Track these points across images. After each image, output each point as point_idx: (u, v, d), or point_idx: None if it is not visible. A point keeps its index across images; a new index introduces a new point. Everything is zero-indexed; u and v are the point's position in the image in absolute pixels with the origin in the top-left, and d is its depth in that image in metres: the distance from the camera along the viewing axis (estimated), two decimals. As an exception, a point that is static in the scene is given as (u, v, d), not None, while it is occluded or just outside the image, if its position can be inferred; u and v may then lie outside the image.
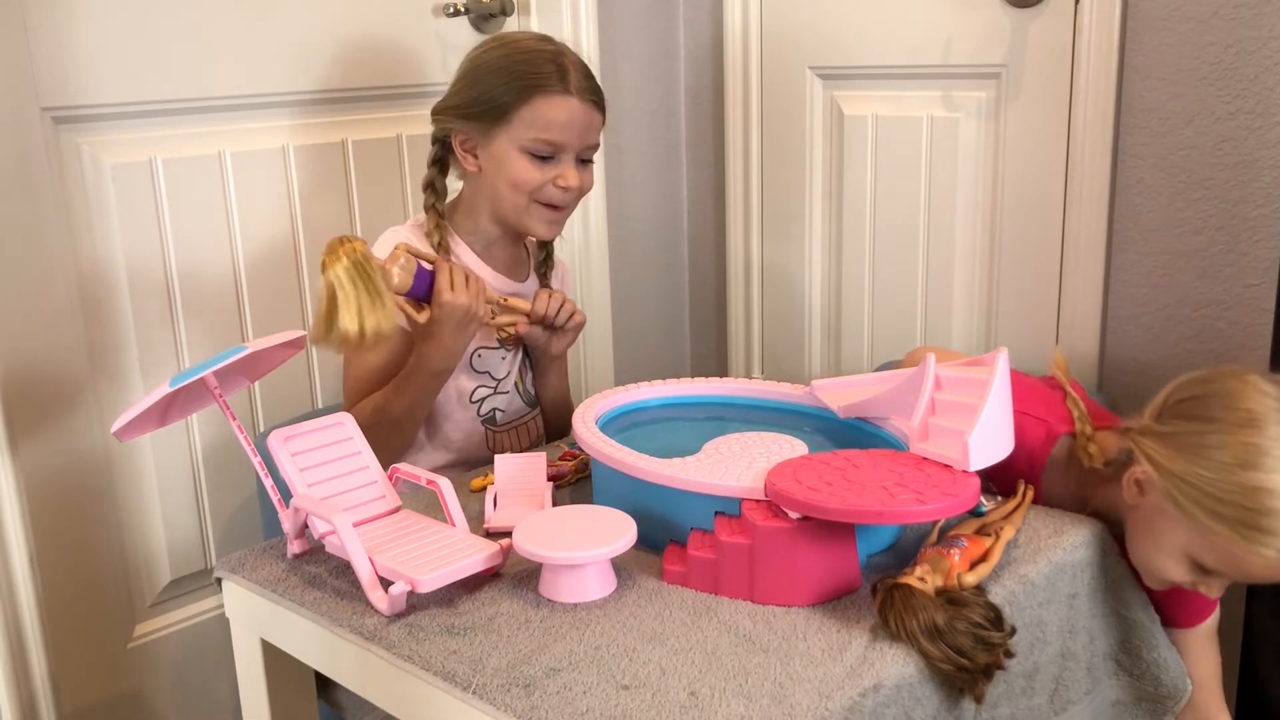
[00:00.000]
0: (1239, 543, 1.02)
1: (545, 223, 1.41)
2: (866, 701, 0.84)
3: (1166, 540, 1.09)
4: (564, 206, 1.41)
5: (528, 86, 1.35)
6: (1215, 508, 1.03)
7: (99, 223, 1.48)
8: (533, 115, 1.35)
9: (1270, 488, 1.01)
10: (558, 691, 0.85)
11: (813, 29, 1.90)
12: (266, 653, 1.11)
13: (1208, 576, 1.09)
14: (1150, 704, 1.15)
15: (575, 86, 1.37)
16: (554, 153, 1.37)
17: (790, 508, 0.95)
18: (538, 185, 1.37)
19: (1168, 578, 1.10)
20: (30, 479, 1.42)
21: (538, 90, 1.35)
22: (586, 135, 1.39)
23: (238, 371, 1.12)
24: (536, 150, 1.36)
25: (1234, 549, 1.03)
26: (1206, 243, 1.54)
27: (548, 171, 1.37)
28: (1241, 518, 1.02)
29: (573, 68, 1.38)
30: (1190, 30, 1.50)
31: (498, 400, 1.47)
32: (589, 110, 1.38)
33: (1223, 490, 1.03)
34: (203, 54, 1.54)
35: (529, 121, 1.35)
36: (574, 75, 1.37)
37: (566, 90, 1.36)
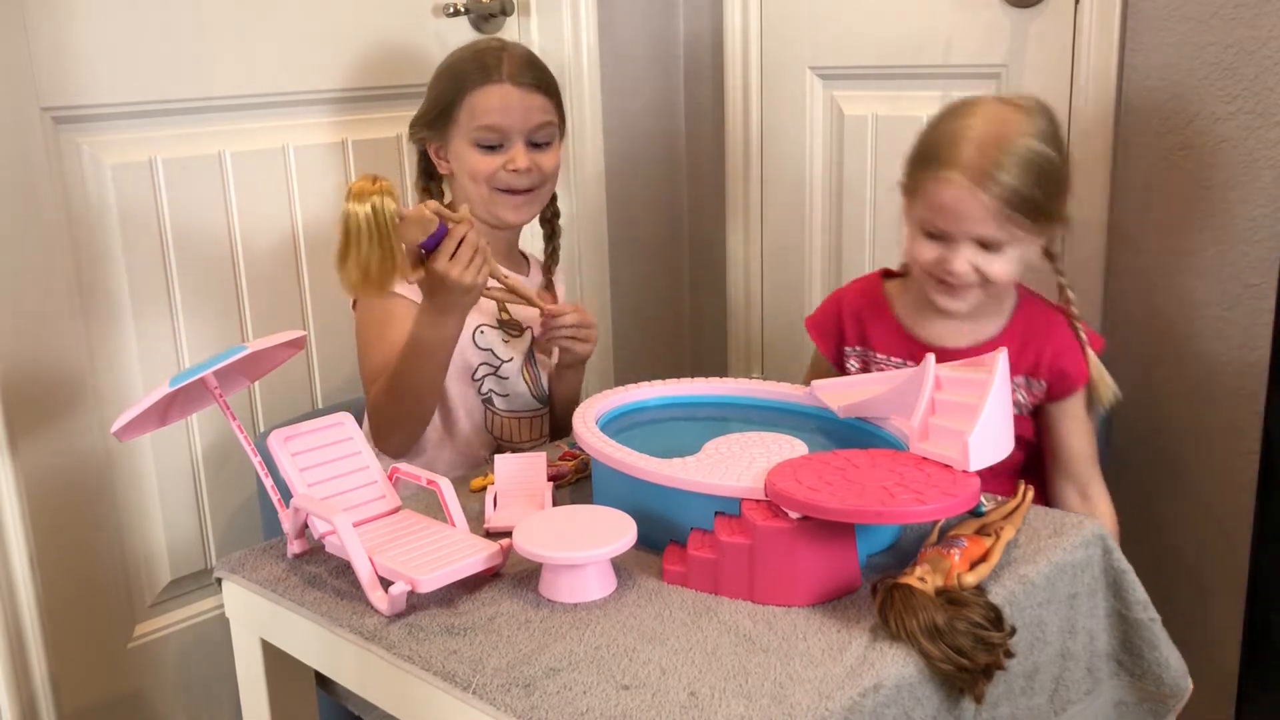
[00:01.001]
0: (929, 180, 1.27)
1: (511, 208, 1.46)
2: (866, 701, 0.84)
3: (911, 227, 1.33)
4: (526, 189, 1.46)
5: (464, 84, 1.44)
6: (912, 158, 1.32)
7: (99, 223, 1.48)
8: (471, 108, 1.43)
9: (944, 125, 1.30)
10: (558, 691, 0.85)
11: (813, 29, 1.90)
12: (266, 653, 1.11)
13: (940, 240, 1.29)
14: (1152, 703, 1.15)
15: (506, 74, 1.43)
16: (499, 140, 1.43)
17: (790, 508, 0.95)
18: (490, 173, 1.44)
19: (922, 258, 1.31)
20: (30, 479, 1.42)
21: (471, 85, 1.43)
22: (528, 116, 1.44)
23: (238, 371, 1.12)
24: (482, 140, 1.43)
25: (928, 189, 1.28)
26: (1206, 243, 1.54)
27: (498, 159, 1.44)
28: (926, 154, 1.30)
29: (507, 58, 1.44)
30: (1190, 30, 1.50)
31: (495, 383, 1.49)
32: (525, 93, 1.43)
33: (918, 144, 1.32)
34: (203, 54, 1.54)
35: (469, 115, 1.43)
36: (506, 64, 1.43)
37: (497, 79, 1.42)
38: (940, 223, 1.28)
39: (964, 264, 1.28)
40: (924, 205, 1.29)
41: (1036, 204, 1.25)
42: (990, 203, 1.24)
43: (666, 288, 2.21)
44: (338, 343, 1.71)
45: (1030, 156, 1.25)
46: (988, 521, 1.05)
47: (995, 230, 1.25)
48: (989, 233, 1.26)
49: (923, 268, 1.32)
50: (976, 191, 1.24)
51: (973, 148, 1.25)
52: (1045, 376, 1.36)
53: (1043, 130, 1.28)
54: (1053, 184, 1.27)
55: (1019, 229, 1.26)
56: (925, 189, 1.29)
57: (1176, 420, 1.60)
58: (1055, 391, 1.36)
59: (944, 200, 1.26)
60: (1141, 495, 1.65)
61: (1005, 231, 1.25)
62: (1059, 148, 1.29)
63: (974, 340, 1.36)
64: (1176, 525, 1.63)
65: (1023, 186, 1.24)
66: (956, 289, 1.31)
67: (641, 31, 2.05)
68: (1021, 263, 1.31)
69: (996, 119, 1.27)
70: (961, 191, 1.24)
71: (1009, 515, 1.07)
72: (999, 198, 1.23)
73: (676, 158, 2.16)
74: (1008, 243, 1.27)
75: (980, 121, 1.27)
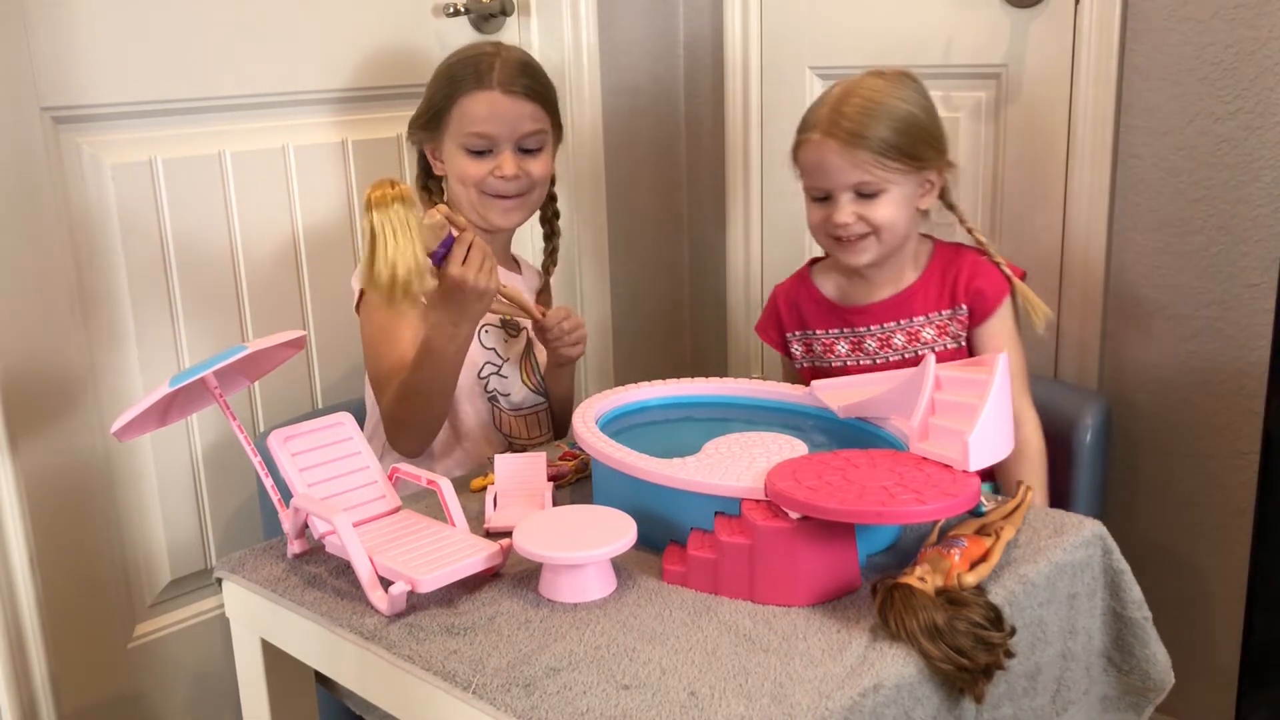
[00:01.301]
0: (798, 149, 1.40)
1: (500, 212, 1.47)
2: (866, 701, 0.84)
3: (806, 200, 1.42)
4: (515, 195, 1.46)
5: (455, 89, 1.45)
6: None
7: (99, 223, 1.48)
8: (460, 114, 1.44)
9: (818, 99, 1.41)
10: (558, 691, 0.85)
11: (813, 29, 1.90)
12: (266, 653, 1.11)
13: (826, 200, 1.39)
14: (1134, 696, 1.15)
15: (497, 81, 1.43)
16: (488, 146, 1.44)
17: (790, 508, 0.95)
18: (479, 179, 1.45)
19: (814, 221, 1.41)
20: (30, 479, 1.42)
21: (461, 91, 1.44)
22: (517, 125, 1.44)
23: (238, 371, 1.12)
24: (470, 146, 1.45)
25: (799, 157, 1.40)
26: (1206, 243, 1.54)
27: (486, 164, 1.45)
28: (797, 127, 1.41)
29: (500, 64, 1.44)
30: (1190, 30, 1.50)
31: (499, 382, 1.50)
32: (515, 101, 1.44)
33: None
34: (203, 54, 1.54)
35: (459, 120, 1.45)
36: (498, 71, 1.44)
37: (487, 86, 1.43)
38: (816, 182, 1.39)
39: (847, 214, 1.37)
40: (803, 173, 1.42)
41: (893, 145, 1.35)
42: (846, 150, 1.35)
43: (666, 288, 2.21)
44: (338, 343, 1.71)
45: (878, 104, 1.36)
46: (988, 521, 1.05)
47: (862, 174, 1.35)
48: (858, 178, 1.36)
49: (818, 231, 1.43)
50: (830, 142, 1.35)
51: (826, 108, 1.38)
52: (965, 300, 1.42)
53: (898, 89, 1.38)
54: (913, 129, 1.36)
55: (885, 171, 1.35)
56: (798, 158, 1.42)
57: (1176, 420, 1.60)
58: (978, 311, 1.42)
59: (811, 160, 1.39)
60: (1141, 495, 1.65)
61: (871, 174, 1.35)
62: (915, 102, 1.38)
63: (894, 291, 1.45)
64: (1176, 525, 1.63)
65: (877, 132, 1.34)
66: (852, 242, 1.40)
67: (641, 31, 2.05)
68: (906, 205, 1.39)
69: (849, 83, 1.40)
70: (821, 147, 1.37)
71: (1009, 515, 1.07)
72: (853, 144, 1.34)
73: (676, 157, 2.16)
74: (881, 187, 1.36)
75: (837, 89, 1.40)
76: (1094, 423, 1.46)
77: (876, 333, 1.45)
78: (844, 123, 1.35)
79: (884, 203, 1.37)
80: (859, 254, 1.40)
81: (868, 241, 1.39)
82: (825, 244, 1.45)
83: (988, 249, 1.45)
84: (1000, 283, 1.42)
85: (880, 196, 1.37)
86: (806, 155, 1.39)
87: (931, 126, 1.40)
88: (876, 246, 1.40)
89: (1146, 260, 1.60)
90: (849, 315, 1.48)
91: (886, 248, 1.40)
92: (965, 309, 1.42)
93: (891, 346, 1.44)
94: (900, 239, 1.41)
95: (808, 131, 1.39)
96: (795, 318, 1.53)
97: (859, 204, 1.37)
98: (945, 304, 1.43)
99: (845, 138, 1.34)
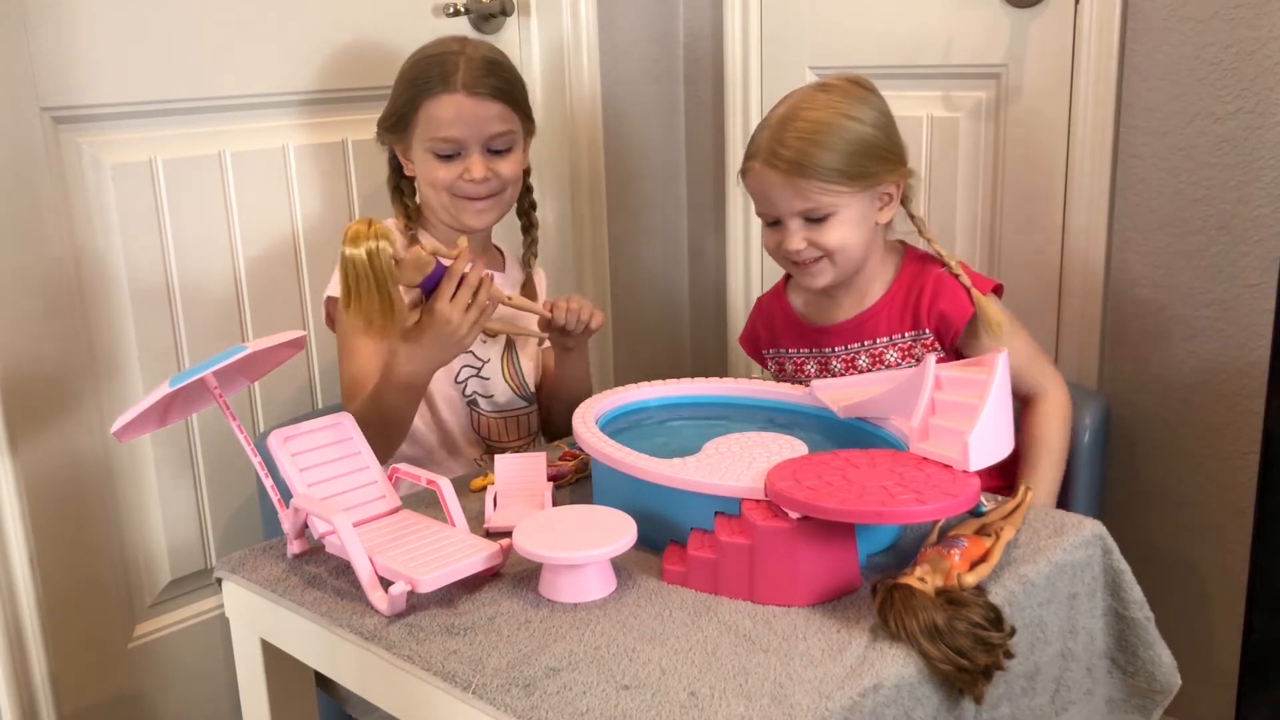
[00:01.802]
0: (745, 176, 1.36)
1: (473, 214, 1.45)
2: (866, 701, 0.84)
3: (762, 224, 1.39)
4: (486, 196, 1.44)
5: (420, 92, 1.41)
6: None
7: (99, 223, 1.48)
8: (426, 119, 1.41)
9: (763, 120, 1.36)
10: (558, 691, 0.85)
11: (813, 29, 1.90)
12: (266, 653, 1.11)
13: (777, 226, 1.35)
14: (1141, 699, 1.15)
15: (461, 83, 1.40)
16: (455, 149, 1.42)
17: (790, 508, 0.95)
18: (449, 182, 1.42)
19: (768, 247, 1.38)
20: (30, 479, 1.42)
21: (424, 95, 1.41)
22: (484, 127, 1.41)
23: (238, 371, 1.12)
24: (438, 150, 1.42)
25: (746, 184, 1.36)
26: (1206, 243, 1.54)
27: (455, 167, 1.42)
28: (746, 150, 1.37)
29: (464, 64, 1.41)
30: (1190, 30, 1.50)
31: (478, 384, 1.48)
32: (481, 102, 1.40)
33: None
34: (203, 54, 1.54)
35: (425, 125, 1.42)
36: (462, 72, 1.40)
37: (451, 88, 1.40)
38: (763, 209, 1.37)
39: (798, 241, 1.34)
40: (752, 199, 1.39)
41: (838, 170, 1.30)
42: (785, 180, 1.30)
43: (666, 288, 2.21)
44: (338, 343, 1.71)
45: (821, 128, 1.30)
46: (988, 521, 1.05)
47: (805, 202, 1.31)
48: (801, 205, 1.32)
49: (774, 254, 1.39)
50: (771, 173, 1.31)
51: (765, 134, 1.33)
52: (928, 325, 1.38)
53: (841, 104, 1.32)
54: (857, 148, 1.31)
55: (830, 196, 1.31)
56: (746, 184, 1.38)
57: (1176, 420, 1.60)
58: (946, 333, 1.37)
59: (754, 188, 1.36)
60: (1141, 495, 1.65)
61: (815, 201, 1.31)
62: (866, 118, 1.32)
63: (857, 311, 1.42)
64: (1176, 525, 1.63)
65: (815, 158, 1.29)
66: (807, 265, 1.36)
67: (641, 31, 2.05)
68: (860, 224, 1.34)
69: (790, 103, 1.35)
70: (762, 177, 1.33)
71: (1009, 515, 1.07)
72: (791, 173, 1.30)
73: (676, 158, 2.16)
74: (829, 210, 1.32)
75: (780, 109, 1.35)
76: (1094, 423, 1.46)
77: (841, 354, 1.42)
78: (783, 151, 1.30)
79: (833, 226, 1.32)
80: (815, 277, 1.37)
81: (822, 265, 1.36)
82: (783, 266, 1.42)
83: (948, 262, 1.38)
84: (963, 302, 1.36)
85: (829, 220, 1.32)
86: (749, 183, 1.36)
87: (885, 141, 1.34)
88: (832, 269, 1.36)
89: (1146, 260, 1.60)
90: (815, 335, 1.45)
91: (843, 269, 1.36)
92: (929, 333, 1.38)
93: (856, 368, 1.41)
94: (858, 259, 1.37)
95: (750, 159, 1.35)
96: (770, 334, 1.51)
97: (808, 229, 1.33)
98: (907, 326, 1.39)
99: (785, 168, 1.30)
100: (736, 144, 2.04)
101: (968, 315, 1.35)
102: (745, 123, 2.02)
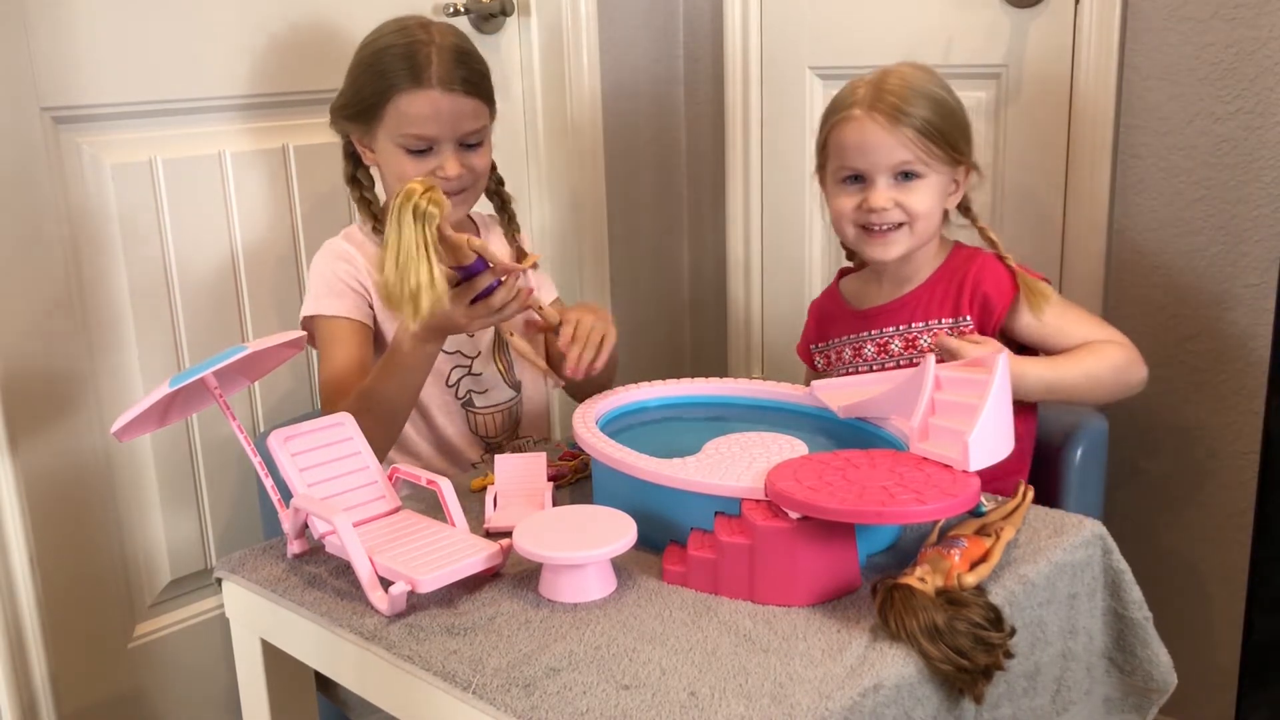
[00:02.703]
0: (834, 128, 1.34)
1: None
2: (866, 701, 0.84)
3: (830, 191, 1.38)
4: (459, 191, 1.39)
5: (390, 85, 1.36)
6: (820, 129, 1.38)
7: (99, 223, 1.48)
8: (397, 114, 1.36)
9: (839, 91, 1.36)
10: (558, 691, 0.85)
11: (813, 29, 1.90)
12: (266, 653, 1.11)
13: (858, 185, 1.34)
14: (1137, 698, 1.15)
15: (435, 78, 1.35)
16: (428, 145, 1.37)
17: (790, 508, 0.95)
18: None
19: (845, 209, 1.35)
20: (30, 479, 1.42)
21: (395, 89, 1.35)
22: (458, 123, 1.37)
23: (238, 371, 1.12)
24: (409, 146, 1.37)
25: (835, 136, 1.34)
26: (1206, 243, 1.54)
27: (428, 163, 1.37)
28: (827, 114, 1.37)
29: (436, 56, 1.36)
30: (1190, 30, 1.50)
31: (472, 382, 1.47)
32: (454, 98, 1.36)
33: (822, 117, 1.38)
34: (203, 54, 1.54)
35: (396, 120, 1.36)
36: (435, 66, 1.35)
37: (425, 84, 1.35)
38: (852, 160, 1.33)
39: (884, 198, 1.32)
40: (835, 154, 1.35)
41: (941, 131, 1.31)
42: (892, 127, 1.30)
43: (666, 288, 2.21)
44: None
45: (921, 89, 1.32)
46: (988, 521, 1.05)
47: (903, 153, 1.31)
48: (900, 156, 1.31)
49: (846, 219, 1.36)
50: (878, 118, 1.31)
51: (869, 88, 1.33)
52: (970, 310, 1.36)
53: (932, 77, 1.35)
54: (950, 116, 1.33)
55: (926, 154, 1.31)
56: (832, 139, 1.35)
57: (1177, 420, 1.60)
58: (989, 318, 1.35)
59: (850, 138, 1.33)
60: (1141, 495, 1.65)
61: (914, 154, 1.31)
62: (950, 93, 1.35)
63: (899, 294, 1.41)
64: (1176, 525, 1.63)
65: (919, 110, 1.31)
66: (885, 234, 1.34)
67: (641, 32, 2.05)
68: (940, 198, 1.34)
69: (884, 70, 1.36)
70: (866, 123, 1.32)
71: (1009, 515, 1.07)
72: (900, 121, 1.30)
73: (676, 157, 2.16)
74: (920, 171, 1.32)
75: (871, 74, 1.36)
76: (1094, 423, 1.46)
77: (876, 338, 1.42)
78: (889, 98, 1.30)
79: (923, 189, 1.32)
80: (889, 246, 1.34)
81: (900, 233, 1.33)
82: (852, 236, 1.37)
83: (997, 244, 1.39)
84: (1005, 284, 1.35)
85: (919, 181, 1.32)
86: (845, 133, 1.33)
87: (965, 121, 1.36)
88: (908, 239, 1.34)
89: (1146, 260, 1.60)
90: (858, 319, 1.44)
91: (917, 241, 1.34)
92: (969, 319, 1.36)
93: (888, 353, 1.40)
94: (929, 236, 1.36)
95: (845, 109, 1.33)
96: (820, 330, 1.51)
97: (896, 189, 1.32)
98: (947, 311, 1.37)
99: (890, 112, 1.30)
100: (736, 144, 2.04)
101: (1010, 296, 1.34)
102: (745, 123, 2.02)
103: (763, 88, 1.99)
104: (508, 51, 1.92)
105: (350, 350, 1.38)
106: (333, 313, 1.39)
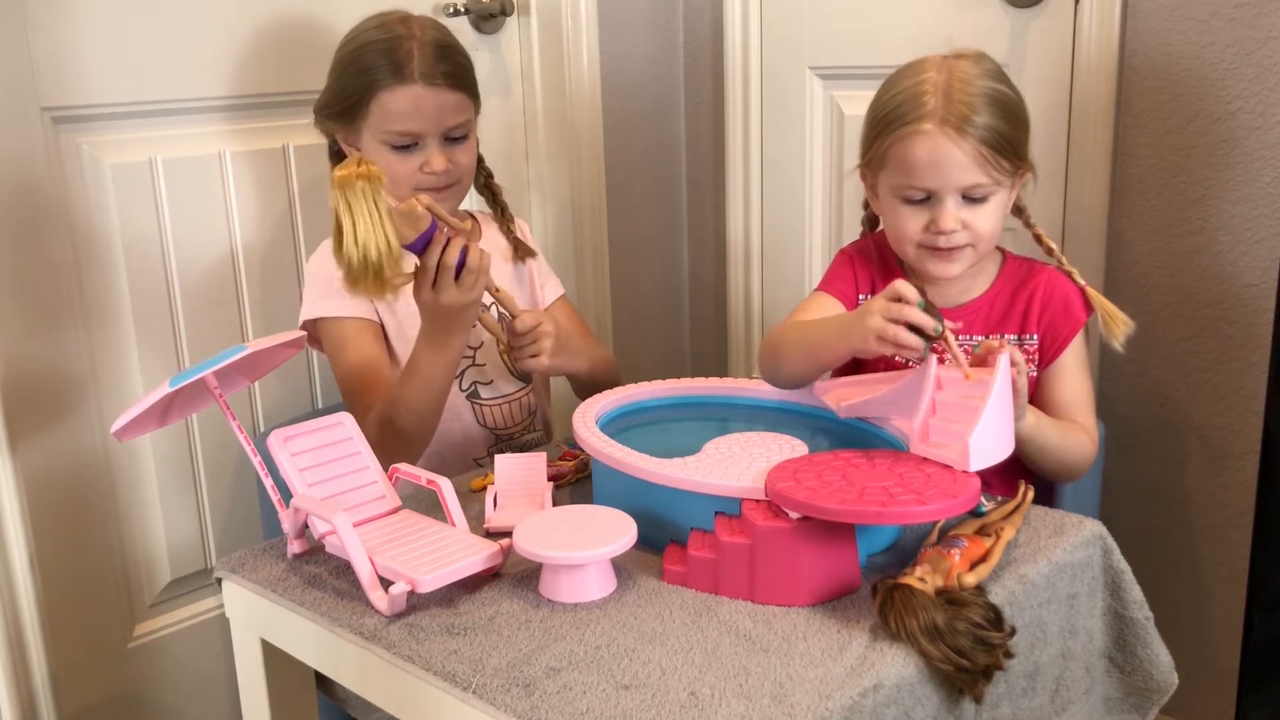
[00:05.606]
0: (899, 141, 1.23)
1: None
2: (866, 701, 0.84)
3: (886, 203, 1.28)
4: (445, 185, 1.39)
5: (373, 81, 1.35)
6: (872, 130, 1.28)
7: (99, 223, 1.48)
8: (380, 111, 1.36)
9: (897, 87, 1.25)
10: (558, 691, 0.85)
11: (813, 29, 1.90)
12: (266, 653, 1.11)
13: (924, 204, 1.24)
14: (1137, 698, 1.15)
15: (417, 73, 1.35)
16: (413, 141, 1.37)
17: (790, 508, 0.95)
18: (408, 175, 1.38)
19: (908, 229, 1.26)
20: (30, 479, 1.42)
21: (377, 86, 1.35)
22: (442, 118, 1.37)
23: (238, 371, 1.12)
24: (395, 143, 1.37)
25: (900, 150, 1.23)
26: (1206, 243, 1.54)
27: (413, 159, 1.38)
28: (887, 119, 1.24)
29: (418, 50, 1.35)
30: (1190, 30, 1.50)
31: (477, 373, 1.47)
32: (437, 93, 1.36)
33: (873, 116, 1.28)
34: (203, 54, 1.54)
35: (379, 117, 1.36)
36: (418, 61, 1.35)
37: (408, 79, 1.34)
38: (920, 180, 1.23)
39: (952, 220, 1.23)
40: (899, 170, 1.24)
41: (1012, 142, 1.22)
42: (969, 146, 1.20)
43: (666, 288, 2.21)
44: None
45: (994, 94, 1.22)
46: (988, 521, 1.05)
47: (978, 175, 1.21)
48: (972, 179, 1.22)
49: (910, 240, 1.27)
50: (954, 136, 1.20)
51: (939, 96, 1.21)
52: (1039, 329, 1.30)
53: (994, 71, 1.25)
54: (1020, 121, 1.25)
55: (998, 173, 1.22)
56: (896, 152, 1.24)
57: (1176, 420, 1.60)
58: (1054, 341, 1.29)
59: (920, 155, 1.22)
60: (1141, 495, 1.65)
61: (987, 175, 1.21)
62: (1013, 87, 1.26)
63: (960, 300, 1.33)
64: (1176, 525, 1.63)
65: (998, 124, 1.21)
66: (950, 252, 1.25)
67: (641, 32, 2.05)
68: (1004, 212, 1.27)
69: (948, 68, 1.24)
70: (938, 140, 1.21)
71: (1009, 515, 1.07)
72: (978, 139, 1.20)
73: (676, 158, 2.17)
74: (990, 191, 1.23)
75: (934, 74, 1.23)
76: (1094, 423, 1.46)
77: None
78: (959, 108, 1.20)
79: (990, 209, 1.24)
80: (952, 264, 1.26)
81: (965, 252, 1.26)
82: (914, 255, 1.28)
83: (1058, 255, 1.32)
84: (1078, 306, 1.28)
85: (987, 202, 1.23)
86: (914, 150, 1.22)
87: (1027, 117, 1.26)
88: (972, 256, 1.26)
89: (1146, 260, 1.60)
90: None
91: (979, 256, 1.27)
92: (1035, 339, 1.29)
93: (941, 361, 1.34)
94: (990, 250, 1.30)
95: (915, 122, 1.21)
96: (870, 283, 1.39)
97: (964, 209, 1.23)
98: (1013, 327, 1.30)
99: (959, 125, 1.19)
100: (736, 144, 2.04)
101: (1081, 322, 1.28)
102: (745, 123, 2.02)
103: (763, 88, 1.99)
104: (507, 51, 1.92)
105: (364, 348, 1.38)
106: (338, 314, 1.39)
